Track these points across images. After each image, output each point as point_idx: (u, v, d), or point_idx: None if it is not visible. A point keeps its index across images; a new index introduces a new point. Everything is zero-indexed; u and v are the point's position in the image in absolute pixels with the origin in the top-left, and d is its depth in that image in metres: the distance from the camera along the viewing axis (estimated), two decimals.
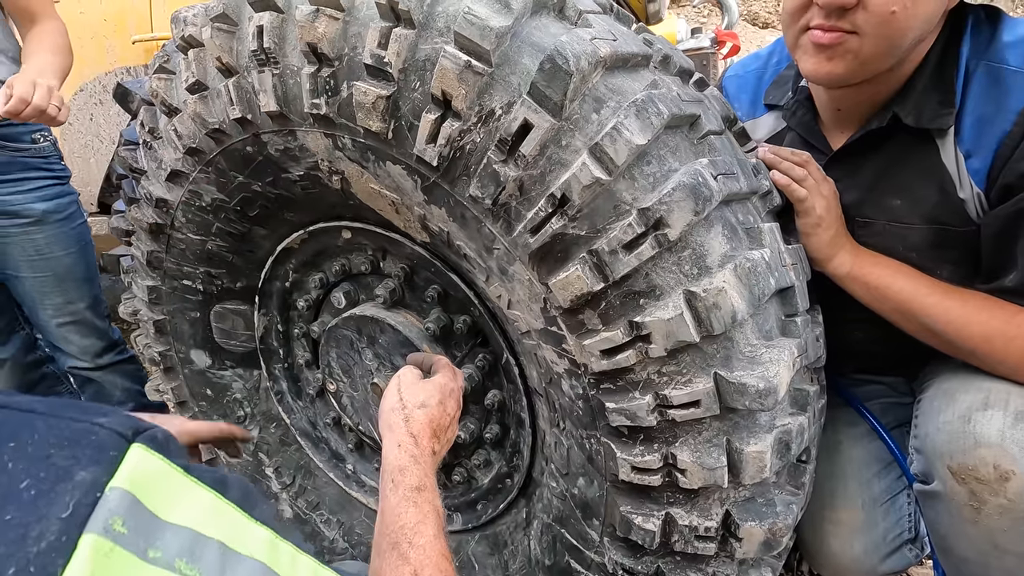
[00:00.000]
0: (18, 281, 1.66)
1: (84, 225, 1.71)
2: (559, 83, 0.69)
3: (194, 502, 0.41)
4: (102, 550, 0.34)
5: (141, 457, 0.39)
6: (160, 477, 0.40)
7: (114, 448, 0.38)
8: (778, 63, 1.21)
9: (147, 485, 0.38)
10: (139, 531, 0.36)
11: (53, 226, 1.62)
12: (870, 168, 1.00)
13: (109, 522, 0.35)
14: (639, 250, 0.71)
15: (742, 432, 0.78)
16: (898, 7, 0.82)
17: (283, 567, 0.44)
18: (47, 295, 1.66)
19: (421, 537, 0.66)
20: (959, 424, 0.87)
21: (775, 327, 0.81)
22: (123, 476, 0.37)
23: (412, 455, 0.76)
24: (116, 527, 0.35)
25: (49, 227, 1.61)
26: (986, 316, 0.88)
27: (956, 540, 0.91)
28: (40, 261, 1.63)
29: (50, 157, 1.62)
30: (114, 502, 0.36)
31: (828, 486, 1.14)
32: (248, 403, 1.40)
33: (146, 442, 0.40)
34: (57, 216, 1.63)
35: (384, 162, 0.83)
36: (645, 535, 0.84)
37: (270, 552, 0.44)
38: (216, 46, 0.88)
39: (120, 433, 0.39)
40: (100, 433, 0.38)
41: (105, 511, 0.35)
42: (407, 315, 1.09)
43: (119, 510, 0.36)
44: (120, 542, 0.35)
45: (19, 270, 1.63)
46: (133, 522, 0.36)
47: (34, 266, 1.63)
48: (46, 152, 1.60)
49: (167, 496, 0.39)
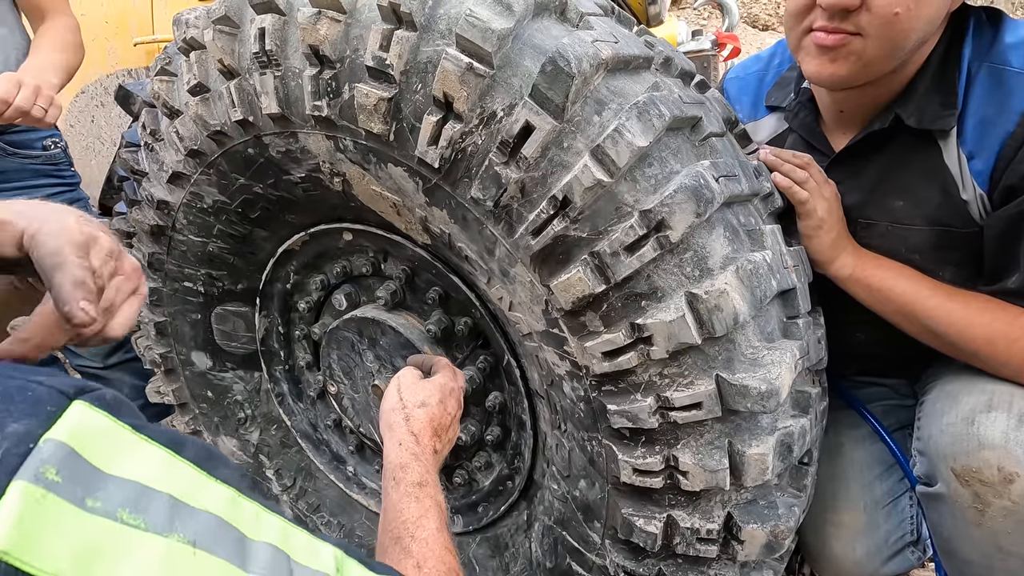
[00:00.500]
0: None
1: None
2: (561, 85, 0.69)
3: (143, 458, 0.40)
4: (32, 496, 0.33)
5: (83, 413, 0.39)
6: (104, 433, 0.39)
7: (52, 404, 0.38)
8: (780, 65, 1.21)
9: (88, 440, 0.38)
10: (76, 480, 0.36)
11: None
12: (872, 170, 1.00)
13: (41, 470, 0.35)
14: (641, 252, 0.71)
15: (744, 434, 0.78)
16: (901, 8, 0.82)
17: (245, 524, 0.43)
18: None
19: (423, 531, 0.66)
20: (963, 426, 0.87)
21: (777, 329, 0.81)
22: (60, 430, 0.37)
23: (413, 453, 0.76)
24: (49, 476, 0.35)
25: None
26: (989, 318, 0.88)
27: (960, 543, 0.91)
28: None
29: (60, 164, 1.61)
30: (47, 452, 0.35)
31: (830, 488, 1.14)
32: (249, 405, 1.40)
33: (91, 400, 0.40)
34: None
35: (385, 164, 0.83)
36: (647, 537, 0.84)
37: (230, 508, 0.43)
38: (218, 48, 0.88)
39: (61, 391, 0.39)
40: (37, 390, 0.38)
41: (37, 460, 0.35)
42: (408, 317, 1.09)
43: (52, 460, 0.35)
44: (53, 490, 0.35)
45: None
46: (68, 472, 0.36)
47: None
48: (57, 159, 1.59)
49: (111, 451, 0.39)
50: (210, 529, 0.41)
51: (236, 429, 1.41)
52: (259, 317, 1.31)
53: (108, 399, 0.41)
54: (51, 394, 0.38)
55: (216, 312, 1.29)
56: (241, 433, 1.41)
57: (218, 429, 1.41)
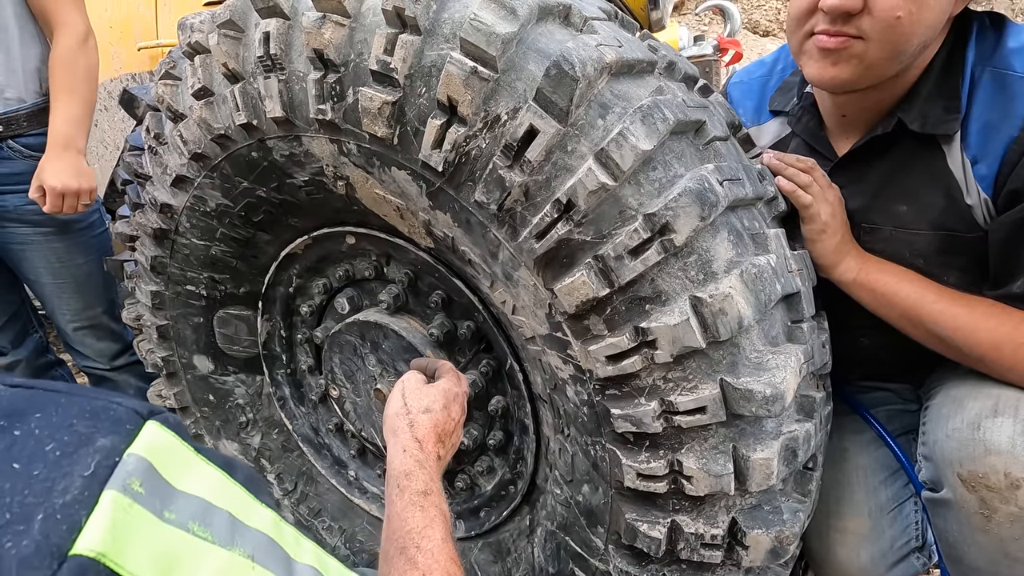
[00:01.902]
0: (39, 286, 1.68)
1: (106, 233, 1.74)
2: (565, 89, 0.69)
3: (204, 476, 0.44)
4: (122, 505, 0.36)
5: (156, 432, 0.42)
6: (173, 450, 0.42)
7: (131, 423, 0.41)
8: (783, 70, 1.21)
9: (161, 456, 0.41)
10: (155, 493, 0.39)
11: (75, 234, 1.64)
12: (876, 174, 1.00)
13: (128, 482, 0.37)
14: (645, 256, 0.71)
15: (748, 439, 0.78)
16: (903, 12, 0.82)
17: (288, 545, 0.46)
18: (66, 300, 1.68)
19: (429, 541, 0.65)
20: (968, 431, 0.86)
21: (781, 333, 0.81)
22: (139, 445, 0.40)
23: (417, 460, 0.76)
24: (135, 487, 0.38)
25: (71, 235, 1.63)
26: (994, 323, 0.87)
27: (966, 549, 0.90)
28: (61, 268, 1.64)
29: None
30: (132, 465, 0.38)
31: (834, 494, 1.13)
32: (250, 409, 1.40)
33: (160, 420, 0.43)
34: (79, 225, 1.64)
35: (389, 167, 0.83)
36: (650, 543, 0.84)
37: (275, 529, 0.46)
38: (222, 52, 0.88)
39: (136, 411, 0.42)
40: (118, 409, 0.41)
41: (124, 472, 0.38)
42: (411, 320, 1.09)
43: (136, 472, 0.38)
44: (139, 500, 0.38)
45: (40, 276, 1.65)
46: (149, 485, 0.39)
47: (55, 273, 1.64)
48: None
49: (179, 468, 0.42)
50: (263, 546, 0.44)
51: (237, 433, 1.41)
52: (261, 321, 1.31)
53: (172, 421, 0.44)
54: (129, 414, 0.41)
55: (218, 316, 1.28)
56: (242, 437, 1.41)
57: (219, 433, 1.41)
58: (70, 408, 0.40)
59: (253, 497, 0.46)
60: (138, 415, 0.42)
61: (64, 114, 1.49)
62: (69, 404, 0.40)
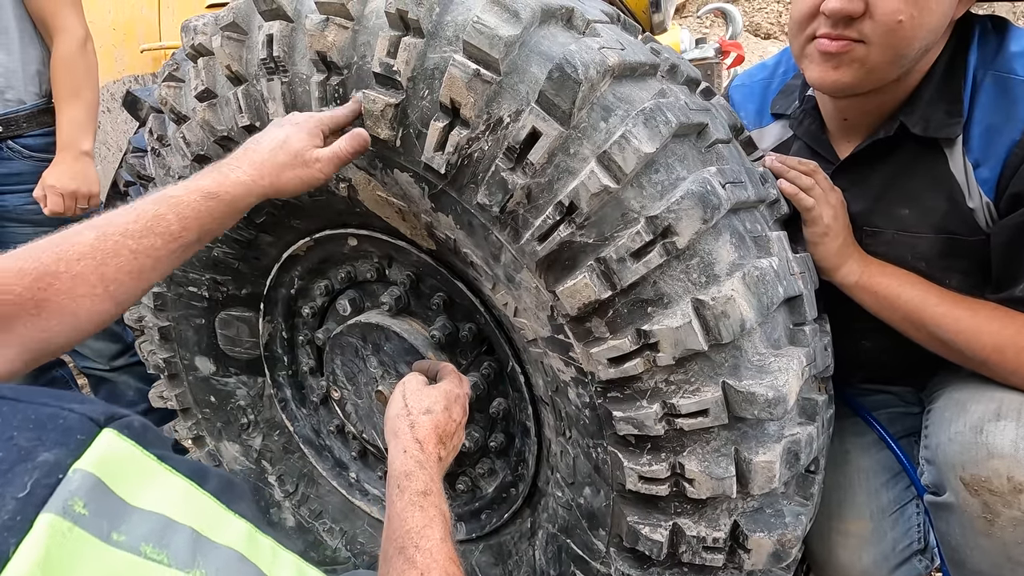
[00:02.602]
0: None
1: None
2: (568, 91, 0.69)
3: (166, 489, 0.40)
4: (59, 530, 0.33)
5: (111, 442, 0.38)
6: (130, 462, 0.39)
7: (82, 432, 0.37)
8: (785, 73, 1.21)
9: (115, 469, 0.37)
10: (102, 513, 0.35)
11: None
12: (878, 177, 1.00)
13: (69, 503, 0.34)
14: (647, 258, 0.71)
15: (751, 442, 0.78)
16: (904, 16, 0.82)
17: (262, 560, 0.43)
18: None
19: (427, 541, 0.65)
20: (971, 435, 0.86)
21: (783, 336, 0.81)
22: (89, 459, 0.36)
23: (418, 460, 0.76)
24: (77, 508, 0.34)
25: None
26: (997, 326, 0.87)
27: (969, 552, 0.90)
28: None
29: None
30: (76, 483, 0.35)
31: (836, 496, 1.13)
32: (252, 410, 1.40)
33: (119, 428, 0.39)
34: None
35: (392, 170, 0.83)
36: (652, 546, 0.83)
37: (248, 544, 0.43)
38: (226, 54, 0.89)
39: (91, 418, 0.39)
40: (69, 417, 0.38)
41: (65, 492, 0.34)
42: (412, 322, 1.09)
43: (80, 492, 0.35)
44: (80, 523, 0.34)
45: None
46: (95, 505, 0.35)
47: None
48: None
49: (136, 481, 0.38)
50: (230, 565, 0.40)
51: (239, 434, 1.41)
52: (263, 322, 1.31)
53: (136, 426, 0.41)
54: (82, 421, 0.38)
55: (220, 317, 1.29)
56: (244, 438, 1.41)
57: (221, 434, 1.41)
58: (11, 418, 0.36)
59: (225, 507, 0.43)
60: (92, 423, 0.38)
61: (69, 118, 1.51)
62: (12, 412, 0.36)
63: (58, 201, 1.48)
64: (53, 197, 1.47)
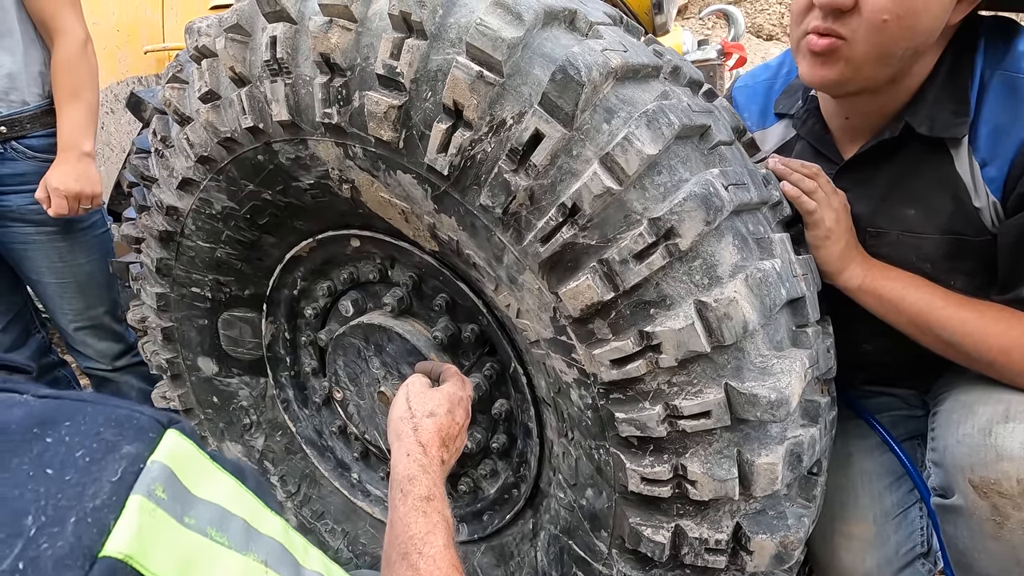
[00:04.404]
0: (41, 286, 1.70)
1: (107, 234, 1.75)
2: (570, 93, 0.69)
3: (220, 484, 0.45)
4: (147, 509, 0.38)
5: (175, 440, 0.43)
6: (191, 459, 0.44)
7: (153, 431, 0.43)
8: (788, 73, 1.21)
9: (181, 463, 0.43)
10: (176, 499, 0.41)
11: (77, 234, 1.66)
12: (882, 178, 1.00)
13: (152, 487, 0.39)
14: (650, 260, 0.71)
15: (753, 443, 0.77)
16: (890, 16, 0.83)
17: (298, 552, 0.48)
18: (68, 300, 1.70)
19: (431, 547, 0.65)
20: (980, 437, 0.86)
21: (786, 338, 0.81)
22: (161, 453, 0.42)
23: (421, 464, 0.76)
24: (158, 492, 0.40)
25: (73, 235, 1.65)
26: (1004, 327, 0.87)
27: (977, 556, 0.89)
28: (63, 268, 1.66)
29: None
30: (155, 472, 0.40)
31: (839, 499, 1.13)
32: (254, 411, 1.40)
33: (179, 429, 0.45)
34: (81, 224, 1.66)
35: (395, 171, 0.83)
36: (654, 547, 0.83)
37: (285, 537, 0.48)
38: (229, 56, 0.89)
39: (158, 420, 0.44)
40: (141, 418, 0.43)
41: (148, 478, 0.40)
42: (415, 323, 1.09)
43: (159, 479, 0.40)
44: (161, 505, 0.39)
45: (42, 276, 1.67)
46: (171, 491, 0.41)
47: (57, 272, 1.66)
48: None
49: (197, 475, 0.44)
50: (275, 552, 0.46)
51: (241, 435, 1.41)
52: (266, 323, 1.31)
53: (189, 429, 0.46)
54: (151, 422, 0.43)
55: (223, 318, 1.29)
56: (246, 439, 1.41)
57: (223, 435, 1.41)
58: (97, 417, 0.42)
59: (264, 505, 0.48)
60: (159, 424, 0.43)
61: (70, 120, 1.52)
62: (96, 413, 0.42)
63: (62, 203, 1.49)
64: (57, 199, 1.48)
